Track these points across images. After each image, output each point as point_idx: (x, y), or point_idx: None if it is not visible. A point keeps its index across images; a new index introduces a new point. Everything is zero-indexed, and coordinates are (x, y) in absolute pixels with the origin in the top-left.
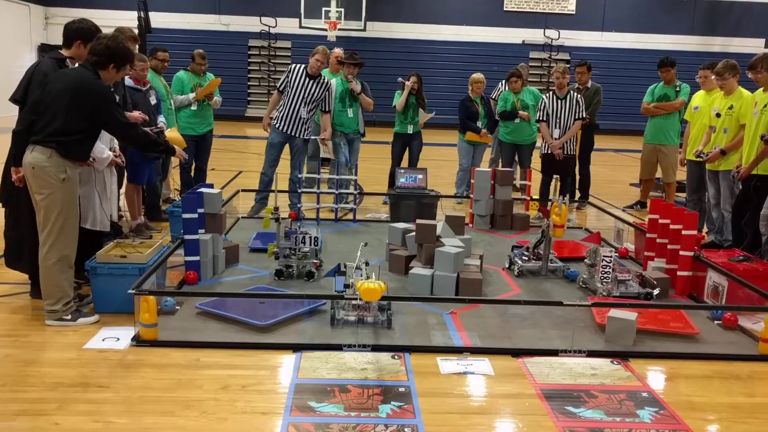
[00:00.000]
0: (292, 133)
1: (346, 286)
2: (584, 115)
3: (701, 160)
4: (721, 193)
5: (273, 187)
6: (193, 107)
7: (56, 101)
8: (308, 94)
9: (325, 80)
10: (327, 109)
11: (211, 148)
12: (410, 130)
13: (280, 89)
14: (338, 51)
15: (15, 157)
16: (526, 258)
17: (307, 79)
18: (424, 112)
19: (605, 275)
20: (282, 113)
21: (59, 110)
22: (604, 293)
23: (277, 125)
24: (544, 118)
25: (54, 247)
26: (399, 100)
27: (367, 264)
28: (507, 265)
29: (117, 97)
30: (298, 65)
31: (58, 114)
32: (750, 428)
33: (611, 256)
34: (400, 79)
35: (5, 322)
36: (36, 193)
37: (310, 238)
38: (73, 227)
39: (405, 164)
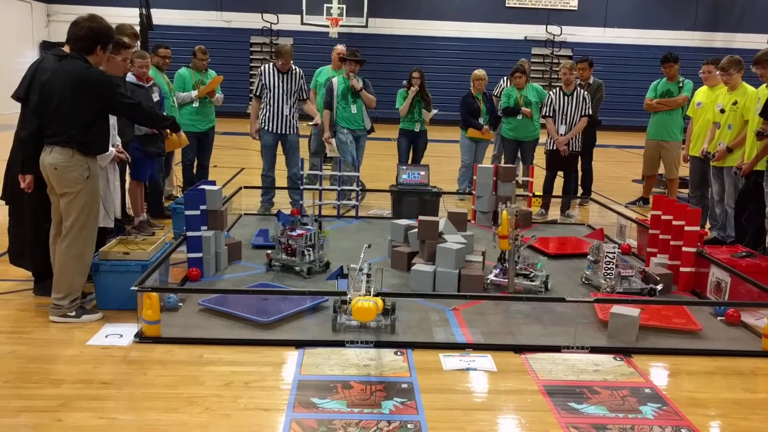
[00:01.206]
0: (283, 132)
1: (344, 302)
2: (590, 112)
3: (710, 160)
4: (725, 190)
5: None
6: (195, 104)
7: (61, 100)
8: (285, 90)
9: (297, 71)
10: (305, 98)
11: (213, 145)
12: (417, 128)
13: (258, 95)
14: (340, 47)
15: (23, 164)
16: (499, 272)
17: (280, 75)
18: (429, 109)
19: (608, 271)
20: (267, 115)
21: (67, 109)
22: (608, 289)
23: (266, 127)
24: (551, 114)
25: (73, 244)
26: (402, 105)
27: (369, 275)
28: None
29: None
30: (267, 65)
31: (69, 113)
32: (753, 424)
33: (614, 253)
34: (404, 82)
35: (9, 319)
36: (60, 193)
37: (304, 235)
38: (94, 224)
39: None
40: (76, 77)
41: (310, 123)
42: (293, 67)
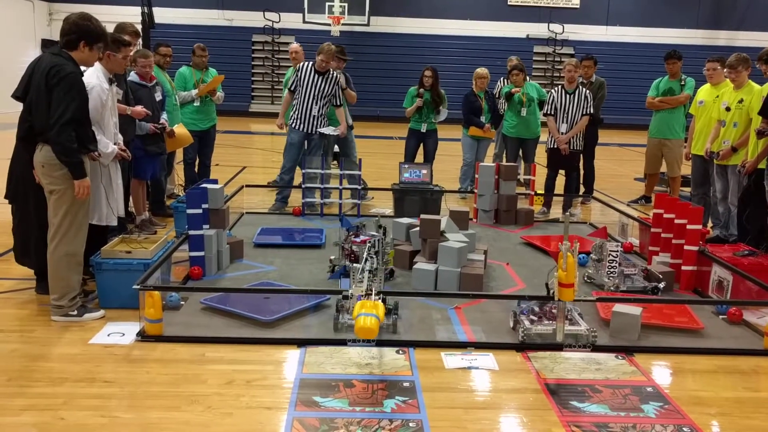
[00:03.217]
0: (310, 131)
1: (345, 297)
2: (591, 111)
3: (715, 160)
4: (729, 188)
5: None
6: (196, 103)
7: (39, 98)
8: (318, 91)
9: (334, 75)
10: (338, 103)
11: (214, 144)
12: (423, 128)
13: (291, 89)
14: (295, 46)
15: (32, 161)
16: (536, 318)
17: (316, 76)
18: (439, 109)
19: (612, 270)
20: (297, 113)
21: (44, 106)
22: (612, 288)
23: (294, 125)
24: (552, 112)
25: (62, 243)
26: (410, 107)
27: (373, 273)
28: (511, 324)
29: (106, 96)
30: (306, 63)
31: (46, 110)
32: (755, 423)
33: (618, 251)
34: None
35: (12, 318)
36: (47, 190)
37: (368, 241)
38: (83, 223)
39: (420, 160)
40: (45, 72)
41: (332, 132)
42: (331, 71)
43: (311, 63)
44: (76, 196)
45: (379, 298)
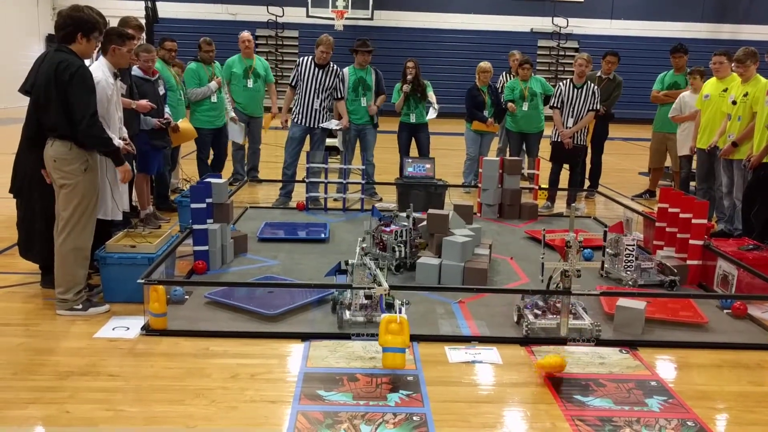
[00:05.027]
0: (312, 125)
1: (368, 297)
2: (597, 107)
3: (718, 154)
4: (734, 182)
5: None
6: (213, 99)
7: (47, 94)
8: (320, 84)
9: (335, 68)
10: (340, 96)
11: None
12: (413, 119)
13: (293, 84)
14: (245, 34)
15: (42, 160)
16: (540, 312)
17: (317, 69)
18: (429, 107)
19: (629, 264)
20: (299, 107)
21: (54, 103)
22: (630, 282)
23: (296, 120)
24: (558, 106)
25: (70, 237)
26: (398, 101)
27: (382, 269)
28: (515, 319)
29: (111, 91)
30: (306, 57)
31: (54, 106)
32: (758, 417)
33: (634, 245)
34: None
35: (17, 312)
36: (58, 184)
37: (395, 231)
38: (91, 218)
39: (414, 154)
40: (52, 69)
41: (334, 127)
42: (331, 64)
43: (311, 57)
44: (121, 181)
45: (402, 304)
